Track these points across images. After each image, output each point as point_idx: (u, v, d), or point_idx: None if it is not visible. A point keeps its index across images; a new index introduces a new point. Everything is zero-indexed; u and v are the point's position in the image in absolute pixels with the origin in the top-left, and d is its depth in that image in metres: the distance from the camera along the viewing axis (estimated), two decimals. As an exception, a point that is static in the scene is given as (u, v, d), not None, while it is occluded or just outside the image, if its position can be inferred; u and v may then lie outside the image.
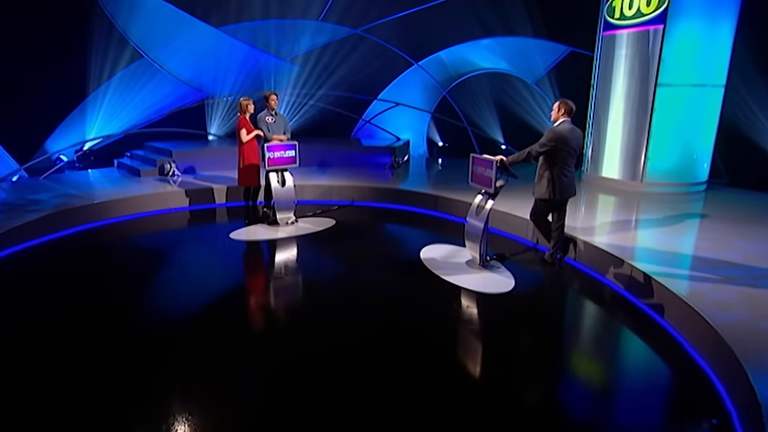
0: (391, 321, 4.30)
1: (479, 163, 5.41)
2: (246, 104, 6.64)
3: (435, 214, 7.77)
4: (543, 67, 11.89)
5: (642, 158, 8.04)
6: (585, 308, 4.92)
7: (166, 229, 7.11)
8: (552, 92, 11.80)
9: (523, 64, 12.14)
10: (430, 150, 13.62)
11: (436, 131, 13.43)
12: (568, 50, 11.24)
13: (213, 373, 3.50)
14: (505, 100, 12.60)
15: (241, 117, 6.68)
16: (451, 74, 13.12)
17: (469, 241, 5.59)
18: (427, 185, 8.67)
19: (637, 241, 5.53)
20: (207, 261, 5.82)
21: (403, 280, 5.27)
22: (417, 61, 12.88)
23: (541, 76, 12.03)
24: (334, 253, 6.16)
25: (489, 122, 12.86)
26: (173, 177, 8.91)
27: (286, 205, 6.94)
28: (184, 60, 11.28)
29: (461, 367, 3.71)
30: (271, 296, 5.00)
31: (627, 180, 8.26)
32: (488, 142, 12.84)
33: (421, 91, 13.24)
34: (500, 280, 5.17)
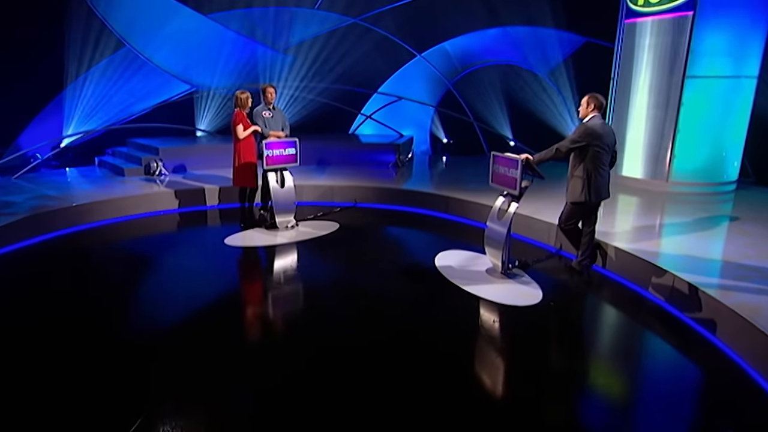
0: (406, 336, 4.06)
1: (502, 163, 5.17)
2: (244, 98, 6.40)
3: (446, 217, 7.58)
4: (555, 58, 11.73)
5: (667, 156, 7.84)
6: (622, 323, 4.68)
7: (154, 234, 6.88)
8: (566, 85, 11.63)
9: (534, 55, 12.00)
10: (434, 147, 13.40)
11: (441, 127, 13.21)
12: (583, 40, 11.06)
13: (204, 390, 3.28)
14: (513, 93, 12.49)
15: (238, 112, 6.44)
16: (456, 66, 12.99)
17: (489, 248, 5.37)
18: (435, 185, 8.49)
19: (673, 247, 5.31)
20: (199, 269, 5.54)
21: (417, 290, 5.06)
22: (420, 53, 12.72)
23: (552, 68, 11.88)
24: (339, 260, 5.92)
25: (497, 117, 12.70)
26: (160, 177, 8.67)
27: (285, 208, 6.70)
28: (170, 50, 11.04)
29: (487, 389, 3.46)
30: (271, 309, 4.73)
31: (650, 179, 8.05)
32: (496, 138, 12.69)
33: (425, 84, 13.10)
34: (526, 291, 4.94)
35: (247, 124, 6.48)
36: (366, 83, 12.57)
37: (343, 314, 4.48)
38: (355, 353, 3.79)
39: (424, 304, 4.73)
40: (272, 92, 6.69)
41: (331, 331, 4.15)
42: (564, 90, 11.69)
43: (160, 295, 4.86)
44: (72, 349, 3.78)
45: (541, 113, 12.03)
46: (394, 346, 3.89)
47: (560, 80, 11.81)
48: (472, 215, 7.29)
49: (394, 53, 12.57)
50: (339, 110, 12.46)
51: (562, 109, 11.90)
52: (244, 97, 6.39)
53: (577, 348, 4.13)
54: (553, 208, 6.56)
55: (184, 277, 5.31)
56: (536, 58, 12.00)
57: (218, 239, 6.37)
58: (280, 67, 12.03)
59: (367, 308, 4.59)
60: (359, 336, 4.06)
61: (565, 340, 4.24)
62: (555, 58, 11.75)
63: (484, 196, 7.36)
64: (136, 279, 5.24)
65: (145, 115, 10.74)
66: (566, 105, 11.68)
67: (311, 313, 4.55)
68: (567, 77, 11.57)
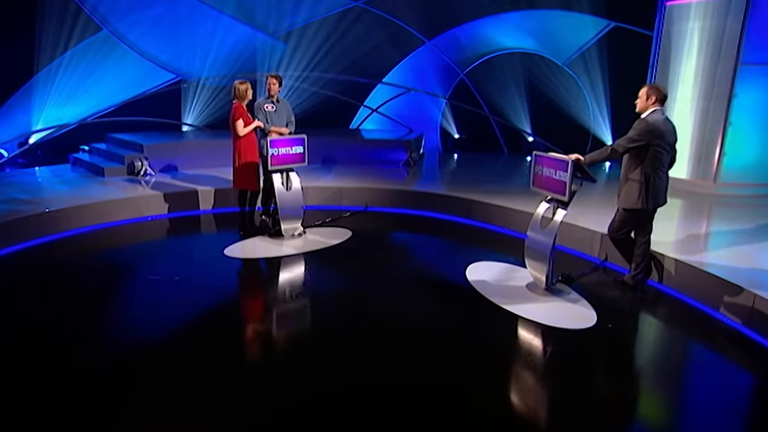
0: (440, 370, 3.71)
1: (547, 163, 4.85)
2: (243, 89, 6.12)
3: (469, 223, 7.34)
4: (578, 45, 11.51)
5: (716, 153, 7.58)
6: (695, 350, 4.37)
7: (141, 243, 6.56)
8: (590, 75, 11.39)
9: (554, 42, 11.81)
10: (444, 143, 13.14)
11: (452, 121, 12.95)
12: (610, 25, 10.80)
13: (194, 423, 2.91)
14: (532, 84, 12.30)
15: (237, 105, 6.15)
16: (469, 54, 12.78)
17: (531, 260, 5.06)
18: (453, 187, 8.22)
19: (743, 260, 5.01)
20: (195, 285, 5.17)
21: (450, 310, 4.76)
22: (429, 39, 12.52)
23: (574, 56, 11.66)
24: (354, 275, 5.60)
25: (514, 110, 12.48)
26: (146, 177, 8.37)
27: (292, 213, 6.39)
28: (153, 34, 10.81)
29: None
30: (277, 334, 4.36)
31: (696, 180, 7.78)
32: (512, 133, 12.45)
33: (434, 74, 12.94)
34: (576, 311, 4.63)
35: (248, 119, 6.20)
36: (369, 73, 12.39)
37: (363, 342, 4.11)
38: (377, 394, 3.43)
39: (461, 329, 4.40)
40: (275, 83, 6.42)
41: (348, 362, 3.79)
42: (588, 81, 11.42)
43: (149, 315, 4.47)
44: (40, 377, 3.45)
45: (564, 106, 11.80)
46: (427, 384, 3.52)
47: (583, 69, 11.56)
48: (497, 220, 7.05)
49: (400, 40, 12.43)
50: (340, 102, 12.30)
51: (582, 101, 11.66)
52: (243, 88, 6.11)
53: (647, 381, 3.80)
54: (595, 213, 6.29)
55: (178, 294, 4.94)
56: (556, 46, 11.82)
57: (216, 249, 6.05)
58: (278, 55, 11.88)
59: (391, 335, 4.22)
60: (382, 370, 3.69)
61: (631, 372, 3.92)
62: (576, 45, 11.52)
63: (509, 199, 7.16)
64: (120, 296, 4.90)
65: (125, 108, 10.50)
66: (591, 97, 11.41)
67: (323, 340, 4.15)
68: (591, 66, 11.31)
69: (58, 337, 4.03)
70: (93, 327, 4.27)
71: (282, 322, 4.58)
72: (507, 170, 10.29)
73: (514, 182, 8.85)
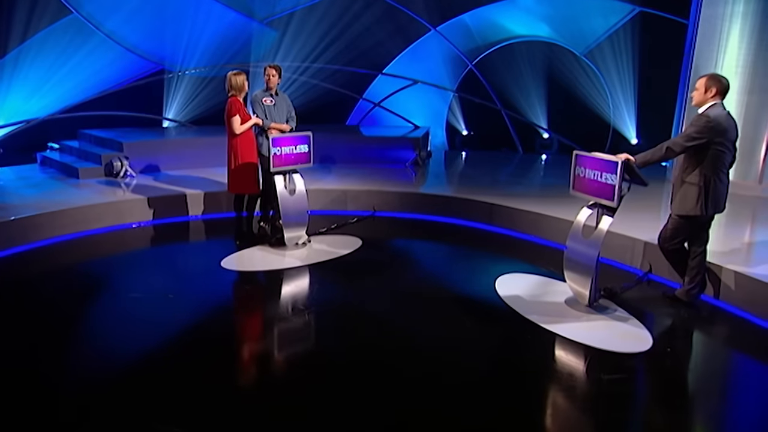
0: (478, 403, 3.48)
1: (591, 165, 4.65)
2: (239, 81, 5.97)
3: (491, 229, 7.18)
4: (597, 33, 11.44)
5: (762, 152, 7.44)
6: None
7: (122, 253, 6.34)
8: (609, 67, 11.29)
9: (571, 29, 11.74)
10: (451, 140, 13.00)
11: (461, 116, 12.80)
12: (634, 10, 10.71)
13: None
14: (547, 76, 12.21)
15: (233, 99, 5.98)
16: (479, 43, 12.69)
17: (572, 273, 4.87)
18: (469, 189, 8.04)
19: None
20: (188, 303, 4.93)
21: (483, 332, 4.55)
22: (434, 26, 12.43)
23: (593, 45, 11.60)
24: (370, 291, 5.37)
25: (529, 104, 12.34)
26: (126, 178, 8.18)
27: (296, 220, 6.20)
28: (130, 19, 10.64)
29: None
30: (286, 363, 4.09)
31: (739, 180, 7.58)
32: (524, 129, 12.29)
33: (440, 64, 12.84)
34: (628, 331, 4.44)
35: (245, 115, 6.04)
36: (369, 63, 12.28)
37: (381, 373, 3.84)
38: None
39: (498, 354, 4.20)
40: (274, 74, 6.28)
41: (365, 399, 3.54)
42: (609, 72, 11.30)
43: (130, 342, 4.20)
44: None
45: (581, 99, 11.68)
46: (463, 427, 3.28)
47: (604, 60, 11.48)
48: (522, 227, 6.90)
49: (402, 27, 12.35)
50: (335, 96, 12.16)
51: (602, 95, 11.55)
52: (239, 80, 5.95)
53: (718, 413, 3.60)
54: (635, 218, 6.11)
55: (168, 314, 4.67)
56: (573, 33, 11.77)
57: (210, 260, 5.83)
58: (268, 44, 11.74)
59: (415, 363, 3.97)
60: (407, 408, 3.43)
61: (700, 403, 3.71)
62: (595, 33, 11.45)
63: (535, 203, 7.05)
64: (99, 315, 4.66)
65: (99, 101, 10.30)
66: (612, 90, 11.29)
67: (335, 371, 3.88)
68: (613, 56, 11.22)
69: (16, 372, 3.72)
70: (62, 357, 3.97)
71: (287, 347, 4.34)
72: (526, 170, 10.18)
73: (538, 183, 8.72)
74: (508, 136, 12.50)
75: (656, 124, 10.16)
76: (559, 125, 12.05)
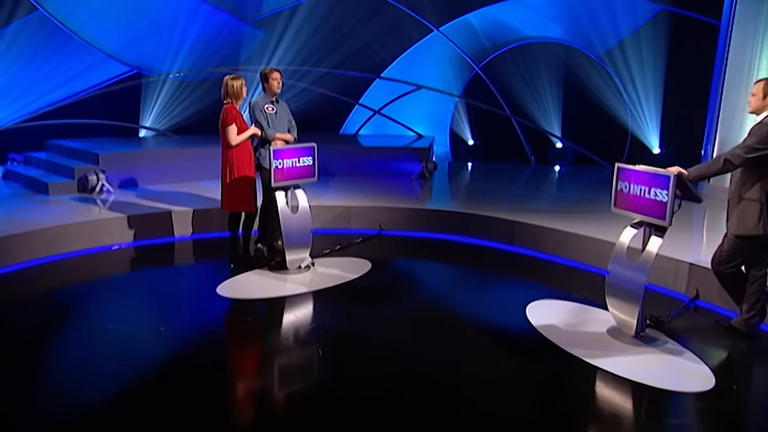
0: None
1: (637, 179, 4.53)
2: (238, 86, 5.89)
3: (513, 250, 7.08)
4: (615, 34, 11.50)
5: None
6: None
7: (100, 279, 6.15)
8: (626, 70, 11.29)
9: (586, 30, 11.79)
10: (455, 150, 13.08)
11: (467, 123, 12.77)
12: (656, 9, 10.78)
13: None
14: (561, 80, 12.29)
15: (229, 106, 5.88)
16: (485, 45, 12.74)
17: (616, 300, 4.73)
18: (485, 204, 7.97)
19: None
20: (177, 336, 4.74)
21: (518, 366, 4.37)
22: (437, 27, 12.46)
23: (611, 47, 11.65)
24: (386, 319, 5.22)
25: (541, 110, 12.42)
26: (102, 194, 8.12)
27: (299, 241, 6.07)
28: (104, 18, 10.59)
29: None
30: (293, 406, 3.83)
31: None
32: (536, 138, 12.24)
33: (443, 67, 12.88)
34: (685, 367, 4.27)
35: (242, 124, 5.93)
36: (365, 66, 12.32)
37: (404, 418, 3.63)
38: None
39: (539, 395, 4.03)
40: (278, 78, 6.23)
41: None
42: (629, 77, 11.36)
43: (112, 377, 3.99)
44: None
45: (600, 105, 11.75)
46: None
47: (623, 63, 11.52)
48: (549, 247, 6.80)
49: (402, 27, 12.40)
50: (329, 102, 12.13)
51: (620, 100, 11.56)
52: (237, 85, 5.86)
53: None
54: (677, 237, 5.91)
55: (156, 349, 4.48)
56: (589, 34, 11.83)
57: (202, 287, 5.74)
58: (255, 45, 11.80)
59: (443, 407, 3.75)
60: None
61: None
62: (614, 34, 11.53)
63: (562, 220, 6.98)
64: (74, 351, 4.46)
65: (68, 108, 10.29)
66: (631, 96, 11.29)
67: (353, 418, 3.67)
68: (632, 59, 11.23)
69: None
70: (25, 399, 3.73)
71: (297, 386, 4.13)
72: (543, 183, 10.19)
73: (559, 198, 8.60)
74: (517, 145, 12.46)
75: (683, 132, 10.15)
76: (573, 134, 11.99)
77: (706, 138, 8.44)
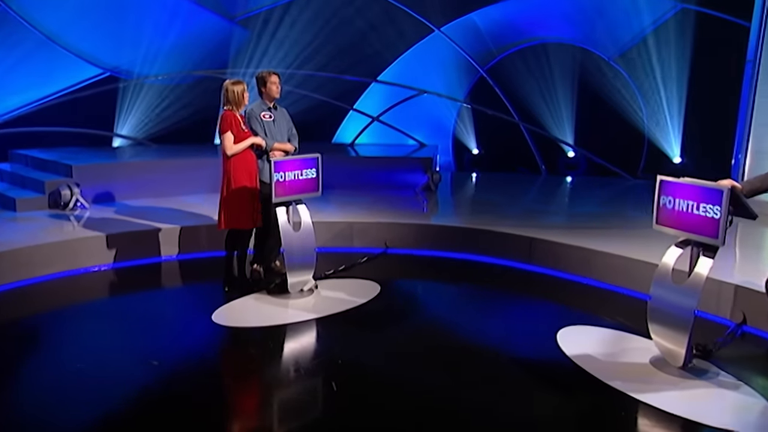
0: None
1: (684, 193, 4.47)
2: (239, 92, 5.82)
3: (532, 269, 7.05)
4: (631, 34, 11.51)
5: None
6: None
7: (79, 305, 6.09)
8: (644, 72, 11.33)
9: (600, 30, 11.79)
10: (458, 159, 13.12)
11: (472, 131, 12.75)
12: (676, 7, 10.81)
13: None
14: (572, 83, 12.24)
15: (228, 113, 5.83)
16: (490, 46, 12.74)
17: (660, 328, 4.66)
18: (498, 220, 7.96)
19: None
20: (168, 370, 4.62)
21: (555, 401, 4.30)
22: (438, 27, 12.47)
23: (627, 48, 11.65)
24: (402, 349, 5.12)
25: (550, 116, 12.41)
26: (76, 210, 8.04)
27: (302, 261, 5.99)
28: (72, 16, 10.51)
29: None
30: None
31: None
32: (546, 146, 12.22)
33: (444, 70, 12.84)
34: (742, 402, 4.18)
35: (241, 133, 5.85)
36: (360, 69, 12.28)
37: None
38: None
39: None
40: (277, 83, 6.18)
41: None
42: (640, 82, 11.39)
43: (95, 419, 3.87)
44: None
45: (615, 111, 11.73)
46: None
47: (636, 67, 11.55)
48: (572, 266, 6.75)
49: (400, 27, 12.33)
50: (320, 108, 12.13)
51: (634, 106, 11.60)
52: (238, 90, 5.81)
53: None
54: (721, 256, 5.82)
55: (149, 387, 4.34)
56: (603, 35, 11.82)
57: (195, 314, 5.66)
58: (239, 46, 11.81)
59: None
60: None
61: None
62: (630, 34, 11.52)
63: (586, 237, 6.95)
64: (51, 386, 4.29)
65: (34, 115, 10.25)
66: (651, 98, 11.31)
67: None
68: (649, 62, 11.28)
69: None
70: None
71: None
72: (559, 195, 10.23)
73: (580, 212, 8.56)
74: (525, 154, 12.45)
75: (708, 140, 10.16)
76: (587, 141, 11.99)
77: (737, 147, 8.46)
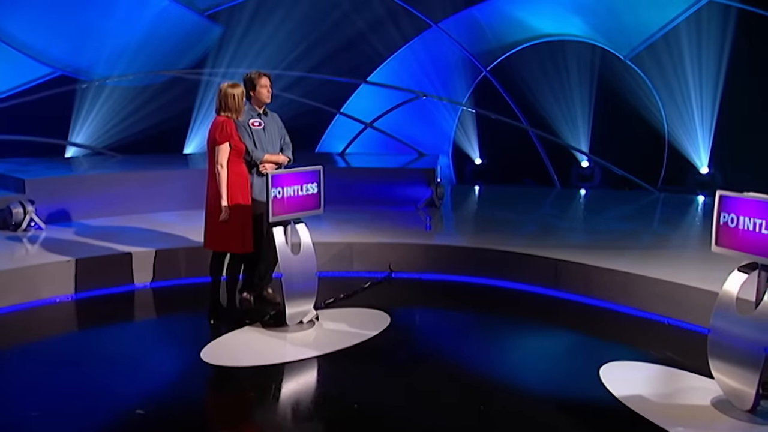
0: None
1: (749, 210, 4.43)
2: (238, 96, 5.77)
3: (558, 295, 7.00)
4: (649, 30, 11.68)
5: None
6: None
7: (41, 342, 6.02)
8: (665, 74, 11.41)
9: (614, 26, 11.96)
10: (459, 170, 13.21)
11: (475, 138, 12.77)
12: (701, 1, 10.96)
13: None
14: (587, 85, 12.43)
15: (221, 119, 5.76)
16: (493, 44, 12.94)
17: (723, 365, 4.59)
18: (513, 238, 8.01)
19: None
20: (156, 420, 4.48)
21: None
22: (435, 22, 12.63)
23: (642, 46, 11.81)
24: (426, 393, 5.02)
25: (562, 122, 12.59)
26: (30, 231, 7.93)
27: (302, 288, 5.91)
28: (16, 4, 10.62)
29: None
30: None
31: None
32: (559, 155, 12.28)
33: (443, 70, 13.01)
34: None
35: (238, 143, 5.82)
36: (349, 69, 12.41)
37: None
38: None
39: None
40: (268, 86, 6.17)
41: None
42: (667, 79, 11.50)
43: None
44: None
45: (631, 115, 11.91)
46: None
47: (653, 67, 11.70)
48: (604, 292, 6.69)
49: (393, 23, 12.48)
50: (302, 113, 12.04)
51: (654, 109, 11.68)
52: (238, 95, 5.75)
53: None
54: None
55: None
56: (617, 31, 12.03)
57: (178, 351, 5.68)
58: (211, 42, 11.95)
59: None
60: None
61: None
62: (647, 31, 11.71)
63: (615, 258, 6.94)
64: None
65: None
66: (674, 102, 11.37)
67: None
68: (672, 60, 11.35)
69: None
70: None
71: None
72: (579, 211, 10.30)
73: (607, 229, 8.54)
74: (533, 164, 12.56)
75: (741, 149, 10.21)
76: (602, 149, 12.10)
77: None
